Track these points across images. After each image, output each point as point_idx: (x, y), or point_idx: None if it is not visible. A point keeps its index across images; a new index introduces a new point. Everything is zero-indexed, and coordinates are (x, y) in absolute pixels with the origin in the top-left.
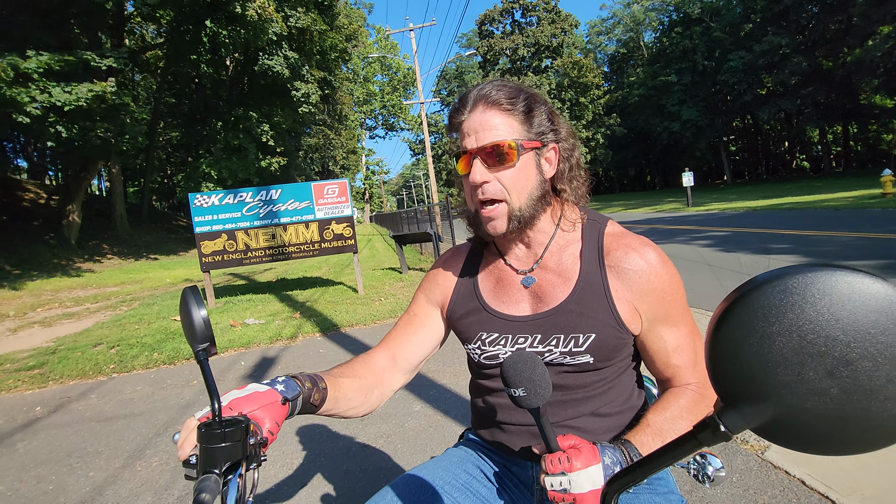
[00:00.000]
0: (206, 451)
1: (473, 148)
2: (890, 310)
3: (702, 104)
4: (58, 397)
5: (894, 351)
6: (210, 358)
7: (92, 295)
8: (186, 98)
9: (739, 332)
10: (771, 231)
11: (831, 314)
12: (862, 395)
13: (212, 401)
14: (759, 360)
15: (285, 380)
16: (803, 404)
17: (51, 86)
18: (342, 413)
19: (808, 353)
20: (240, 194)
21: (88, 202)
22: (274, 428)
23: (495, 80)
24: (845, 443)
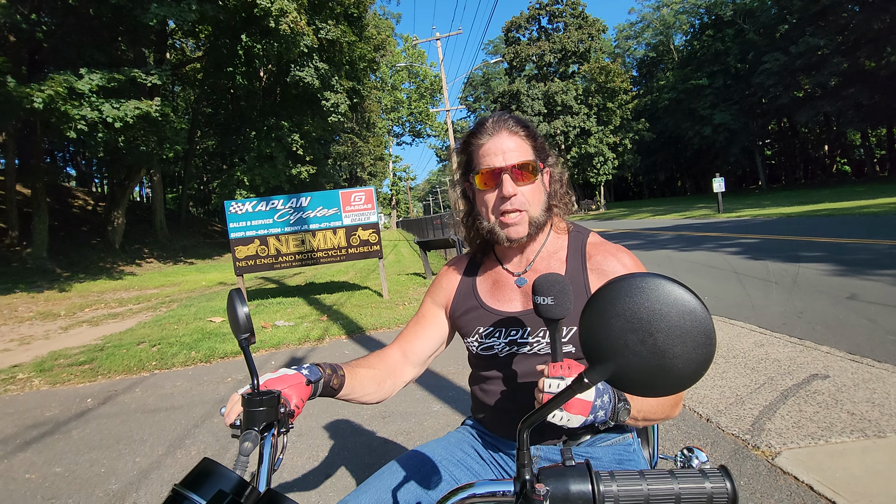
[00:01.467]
0: (248, 413)
1: (504, 166)
2: (675, 302)
3: (735, 107)
4: (106, 390)
5: (676, 328)
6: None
7: (134, 296)
8: (222, 108)
9: (593, 316)
10: (804, 238)
11: (642, 304)
12: (660, 355)
13: (252, 378)
14: (603, 333)
15: (310, 366)
16: (629, 362)
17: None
18: (358, 398)
19: (629, 329)
20: (272, 202)
21: (131, 208)
22: (300, 403)
23: (508, 113)
24: (657, 387)
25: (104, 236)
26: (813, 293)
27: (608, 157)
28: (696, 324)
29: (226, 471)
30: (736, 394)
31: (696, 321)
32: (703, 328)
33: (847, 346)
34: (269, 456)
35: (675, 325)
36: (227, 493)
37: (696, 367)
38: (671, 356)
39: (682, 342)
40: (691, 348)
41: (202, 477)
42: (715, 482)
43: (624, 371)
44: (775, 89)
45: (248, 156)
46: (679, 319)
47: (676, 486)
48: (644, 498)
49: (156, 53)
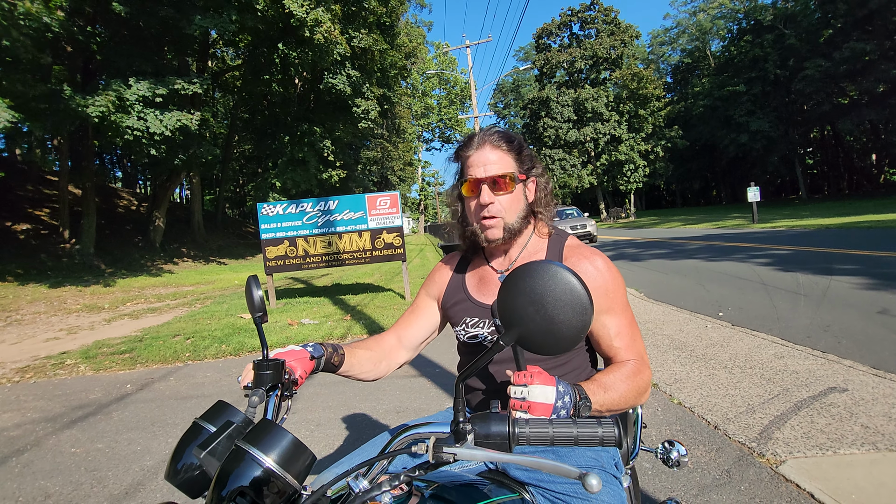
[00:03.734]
0: (257, 375)
1: (483, 177)
2: (561, 281)
3: (773, 115)
4: (144, 378)
5: (560, 300)
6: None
7: (171, 293)
8: (258, 114)
9: (505, 292)
10: (840, 251)
11: (537, 282)
12: (550, 320)
13: (263, 349)
14: (512, 304)
15: (314, 344)
16: (529, 327)
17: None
18: (356, 375)
19: (527, 300)
20: (301, 204)
21: (171, 209)
22: (303, 374)
23: (497, 128)
24: (550, 345)
25: (146, 235)
26: (842, 307)
27: (639, 165)
28: (575, 297)
29: (235, 409)
30: (748, 403)
31: (575, 296)
32: (580, 301)
33: (872, 360)
34: (272, 410)
35: (559, 299)
36: (232, 423)
37: (577, 331)
38: (557, 322)
39: (564, 311)
40: (571, 316)
41: (216, 412)
42: (606, 428)
43: (526, 334)
44: (817, 96)
45: (281, 160)
46: (563, 294)
47: (576, 430)
48: (550, 439)
49: (198, 62)
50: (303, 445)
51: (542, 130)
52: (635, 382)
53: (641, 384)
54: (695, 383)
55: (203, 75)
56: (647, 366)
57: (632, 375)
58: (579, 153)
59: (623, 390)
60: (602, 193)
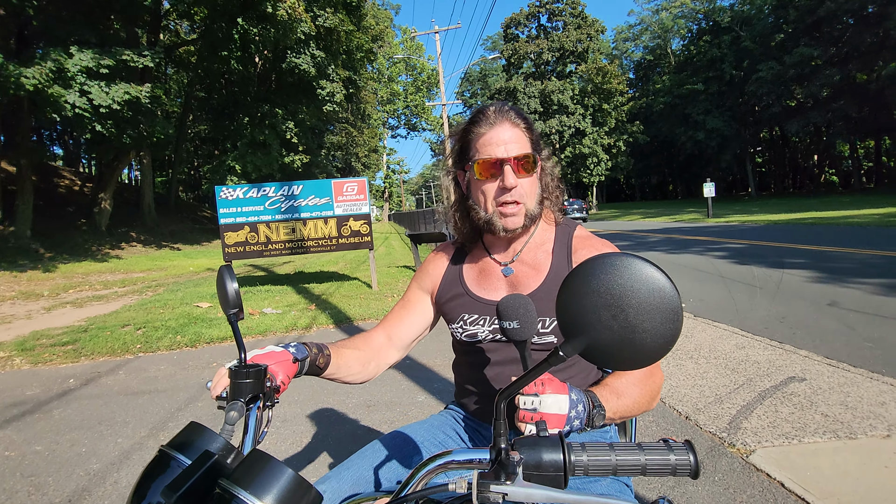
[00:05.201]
0: (235, 385)
1: (506, 157)
2: (646, 280)
3: (728, 114)
4: (89, 372)
5: (646, 304)
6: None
7: (119, 279)
8: (216, 93)
9: (570, 292)
10: (789, 245)
11: (615, 281)
12: (631, 329)
13: (239, 352)
14: (579, 309)
15: (297, 345)
16: (601, 336)
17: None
18: (343, 378)
19: (603, 305)
20: (263, 188)
21: (119, 191)
22: (286, 379)
23: (504, 102)
24: (626, 360)
25: (90, 218)
26: (795, 299)
27: (602, 158)
28: (664, 301)
29: (212, 434)
30: (715, 393)
31: (665, 298)
32: (671, 305)
33: (825, 350)
34: (254, 426)
35: (645, 302)
36: (212, 454)
37: (664, 341)
38: (641, 331)
39: (650, 318)
40: (659, 324)
41: (189, 439)
42: (679, 455)
43: (596, 345)
44: (768, 98)
45: (241, 142)
46: (649, 296)
47: (643, 457)
48: (612, 467)
49: (149, 35)
50: (306, 484)
51: None
52: (648, 387)
53: (654, 388)
54: (664, 374)
55: (155, 48)
56: (658, 368)
57: (644, 379)
58: (545, 145)
59: (636, 395)
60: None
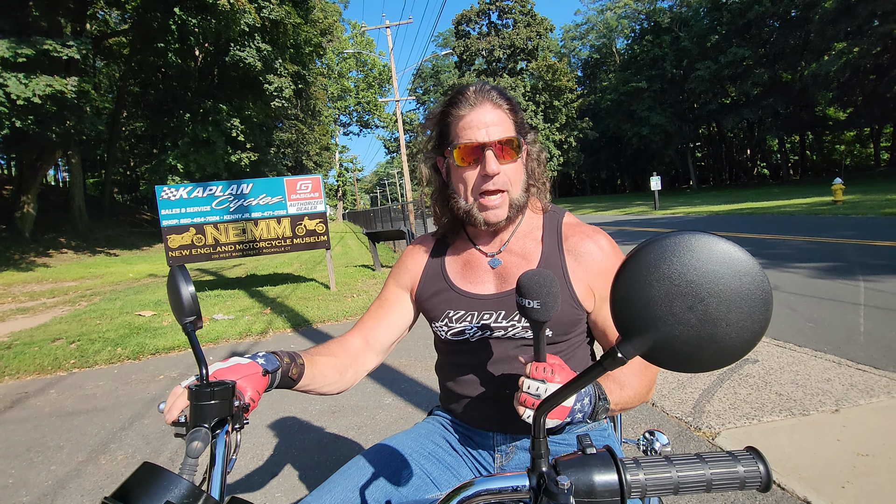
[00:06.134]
0: (196, 408)
1: (486, 141)
2: (729, 261)
3: (670, 111)
4: (14, 392)
5: (730, 291)
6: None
7: (48, 289)
8: (152, 88)
9: (630, 281)
10: (733, 234)
11: (691, 265)
12: (711, 323)
13: (199, 367)
14: (642, 300)
15: (266, 354)
16: (673, 332)
17: (6, 76)
18: (318, 389)
19: (675, 294)
20: (209, 188)
21: (44, 193)
22: (255, 396)
23: (485, 82)
24: (704, 360)
25: (11, 223)
26: None
27: (554, 155)
28: (753, 285)
29: (171, 476)
30: (678, 379)
31: (754, 283)
32: (760, 291)
33: (772, 332)
34: (222, 456)
35: (729, 288)
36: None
37: (751, 335)
38: (724, 324)
39: (737, 308)
40: (747, 314)
41: (141, 485)
42: (747, 465)
43: (666, 343)
44: (706, 95)
45: (182, 140)
46: (734, 281)
47: (707, 471)
48: (674, 485)
49: (74, 24)
50: None
51: None
52: (647, 377)
53: (652, 378)
54: None
55: (81, 38)
56: None
57: (643, 369)
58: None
59: (637, 386)
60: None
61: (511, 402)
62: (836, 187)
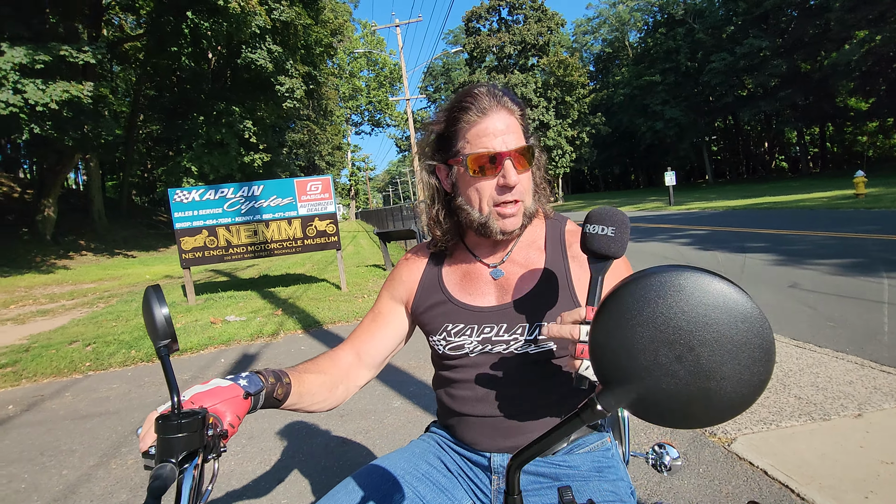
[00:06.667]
0: (162, 441)
1: (506, 151)
2: (725, 304)
3: (685, 104)
4: (31, 395)
5: (726, 339)
6: (175, 355)
7: (67, 291)
8: (167, 91)
9: (610, 324)
10: (749, 230)
11: (679, 308)
12: (703, 376)
13: (171, 395)
14: (624, 348)
15: (248, 375)
16: (659, 385)
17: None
18: (307, 407)
19: (661, 341)
20: (221, 190)
21: (65, 196)
22: (235, 421)
23: (494, 84)
24: (695, 416)
25: (33, 226)
26: (758, 282)
27: (566, 150)
28: (752, 334)
29: None
30: None
31: (753, 330)
32: (760, 340)
33: (791, 332)
34: (189, 491)
35: (724, 337)
36: None
37: (750, 390)
38: (718, 377)
39: (733, 359)
40: (745, 366)
41: None
42: None
43: (652, 396)
44: (721, 88)
45: (196, 142)
46: (730, 329)
47: None
48: None
49: (90, 29)
50: None
51: None
52: None
53: None
54: None
55: (96, 44)
56: None
57: None
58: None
59: None
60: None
61: (511, 421)
62: (857, 180)
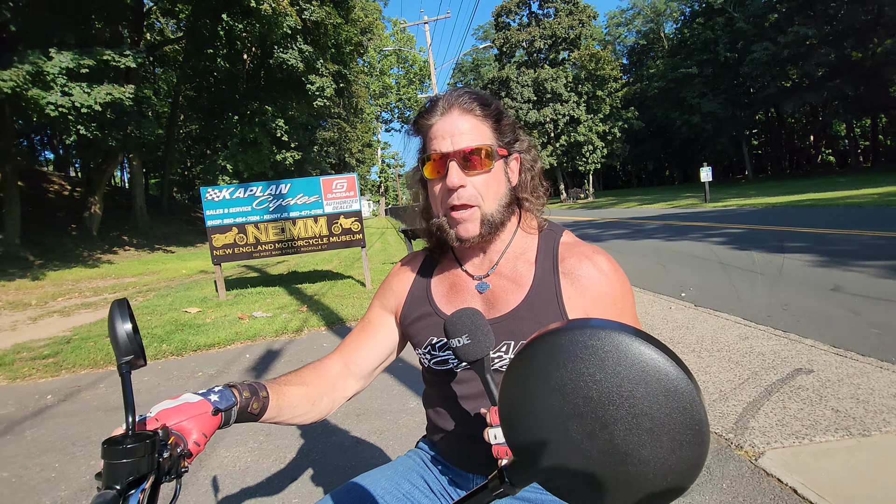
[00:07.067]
0: (107, 466)
1: (450, 151)
2: (644, 376)
3: (723, 97)
4: (69, 386)
5: (644, 418)
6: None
7: (110, 285)
8: (205, 92)
9: (518, 390)
10: (789, 229)
11: (591, 375)
12: (618, 458)
13: (126, 415)
14: (530, 415)
15: (221, 390)
16: (569, 462)
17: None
18: (288, 420)
19: (570, 413)
20: (250, 188)
21: (110, 194)
22: (200, 439)
23: (467, 88)
24: (612, 501)
25: (80, 223)
26: (797, 284)
27: (597, 146)
28: (677, 412)
29: None
30: (720, 389)
31: (681, 408)
32: (688, 419)
33: (831, 338)
34: None
35: (643, 414)
36: None
37: (676, 478)
38: (636, 461)
39: (654, 441)
40: (669, 451)
41: None
42: None
43: (561, 475)
44: (763, 79)
45: (231, 141)
46: (650, 405)
47: None
48: None
49: (133, 34)
50: None
51: None
52: None
53: None
54: None
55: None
56: None
57: None
58: (539, 134)
59: None
60: (561, 174)
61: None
62: None
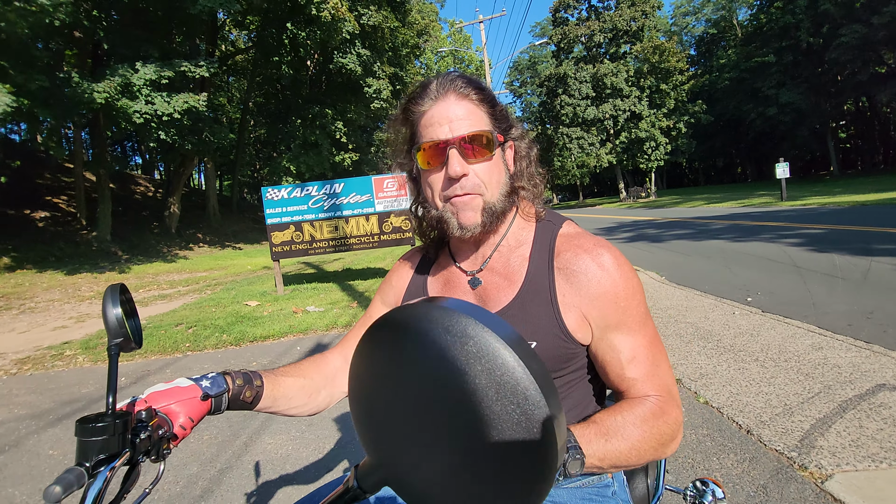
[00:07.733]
0: (78, 443)
1: (449, 138)
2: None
3: (804, 86)
4: (140, 370)
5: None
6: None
7: (184, 279)
8: (272, 98)
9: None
10: (878, 229)
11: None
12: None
13: (107, 395)
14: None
15: (214, 376)
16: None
17: (154, 96)
18: (284, 411)
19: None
20: (306, 188)
21: (188, 195)
22: (187, 423)
23: (457, 71)
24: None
25: (161, 221)
26: (886, 291)
27: (660, 142)
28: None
29: None
30: (784, 403)
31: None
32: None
33: None
34: (95, 499)
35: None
36: None
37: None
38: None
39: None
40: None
41: None
42: None
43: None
44: (853, 65)
45: (294, 144)
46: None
47: None
48: None
49: (208, 46)
50: None
51: (559, 108)
52: (655, 427)
53: (665, 430)
54: (723, 379)
55: (211, 59)
56: (675, 404)
57: (650, 417)
58: (598, 131)
59: (636, 438)
60: (621, 172)
61: None
62: None
